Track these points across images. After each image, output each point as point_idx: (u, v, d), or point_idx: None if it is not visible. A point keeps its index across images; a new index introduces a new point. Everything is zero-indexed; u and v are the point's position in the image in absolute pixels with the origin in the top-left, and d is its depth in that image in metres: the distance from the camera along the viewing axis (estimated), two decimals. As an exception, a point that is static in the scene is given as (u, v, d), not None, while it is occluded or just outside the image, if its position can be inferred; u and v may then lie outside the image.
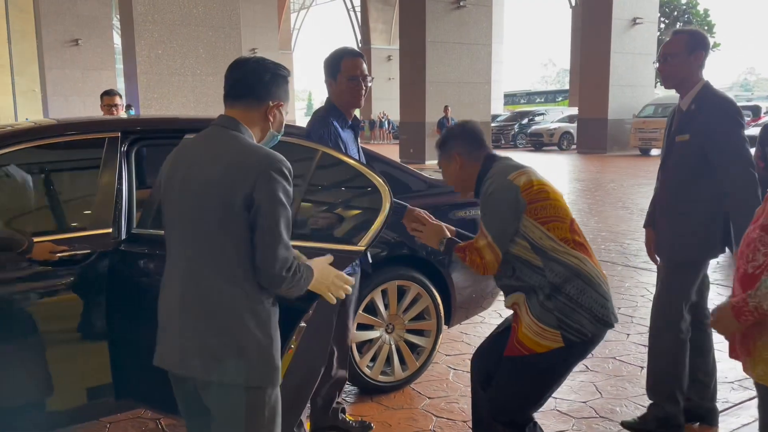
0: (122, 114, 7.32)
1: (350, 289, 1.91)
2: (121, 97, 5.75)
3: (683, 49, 2.75)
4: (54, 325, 2.53)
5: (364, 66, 2.78)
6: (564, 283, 2.14)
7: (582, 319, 2.13)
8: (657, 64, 2.86)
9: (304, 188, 2.57)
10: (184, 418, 1.90)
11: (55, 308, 2.54)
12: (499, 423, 2.31)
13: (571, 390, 3.48)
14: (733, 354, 1.85)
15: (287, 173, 1.67)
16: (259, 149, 1.71)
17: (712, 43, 34.73)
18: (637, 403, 3.27)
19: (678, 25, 34.52)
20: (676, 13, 35.00)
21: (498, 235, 2.21)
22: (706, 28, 35.08)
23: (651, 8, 23.95)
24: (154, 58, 12.21)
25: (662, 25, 32.66)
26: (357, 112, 2.97)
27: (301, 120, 66.15)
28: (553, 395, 3.40)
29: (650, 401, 2.99)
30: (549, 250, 2.16)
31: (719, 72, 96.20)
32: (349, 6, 42.30)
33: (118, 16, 17.24)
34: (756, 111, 23.25)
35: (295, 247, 1.76)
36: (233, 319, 1.66)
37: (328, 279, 1.85)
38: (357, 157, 2.77)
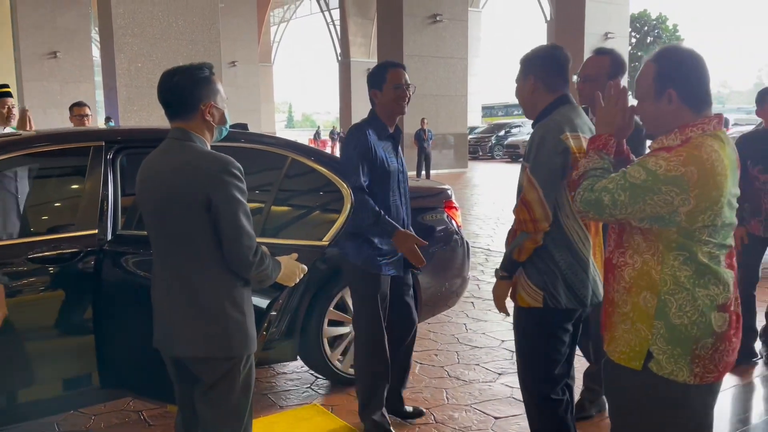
0: (101, 125, 7.48)
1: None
2: (89, 108, 5.96)
3: (604, 73, 2.86)
4: (43, 317, 2.73)
5: (407, 76, 2.97)
6: (556, 251, 2.23)
7: (560, 289, 2.24)
8: (577, 81, 2.95)
9: (275, 191, 2.82)
10: (175, 387, 2.16)
11: (45, 302, 2.74)
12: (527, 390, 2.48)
13: (528, 380, 3.75)
14: (602, 330, 1.95)
15: (237, 172, 1.90)
16: (208, 156, 1.92)
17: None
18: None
19: (648, 40, 35.47)
20: (646, 28, 35.97)
21: (548, 192, 2.16)
22: (675, 42, 36.03)
23: (622, 23, 24.64)
24: (134, 71, 12.38)
25: (633, 40, 33.53)
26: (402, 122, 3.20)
27: (282, 132, 66.12)
28: (509, 384, 3.68)
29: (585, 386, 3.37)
30: (562, 216, 2.21)
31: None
32: (329, 20, 42.70)
33: (97, 29, 17.38)
34: (725, 123, 24.04)
35: (266, 243, 2.02)
36: (212, 305, 1.95)
37: (295, 273, 2.18)
38: (396, 165, 2.95)
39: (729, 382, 3.65)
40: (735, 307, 1.74)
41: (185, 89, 1.94)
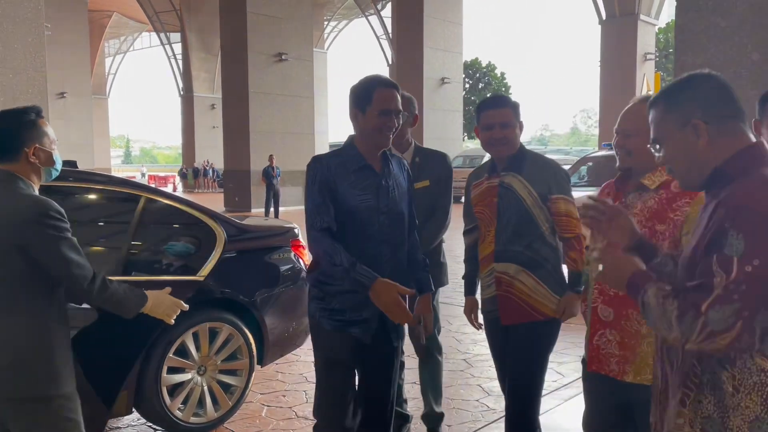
0: None
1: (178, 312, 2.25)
2: None
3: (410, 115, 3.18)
4: None
5: (399, 99, 2.36)
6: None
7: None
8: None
9: (132, 230, 2.67)
10: None
11: None
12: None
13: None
14: (594, 366, 2.13)
15: (54, 214, 1.94)
16: (25, 200, 1.95)
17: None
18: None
19: (480, 86, 38.60)
20: (478, 75, 39.06)
21: None
22: (503, 89, 39.52)
23: (456, 70, 26.56)
24: (-60, 100, 11.06)
25: (467, 85, 36.25)
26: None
27: (119, 168, 62.17)
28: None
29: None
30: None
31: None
32: (170, 53, 41.32)
33: None
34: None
35: (138, 282, 2.13)
36: (8, 341, 1.91)
37: (164, 304, 2.20)
38: (373, 203, 2.34)
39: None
40: None
41: (8, 133, 1.99)
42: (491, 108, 2.65)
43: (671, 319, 1.30)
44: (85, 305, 2.33)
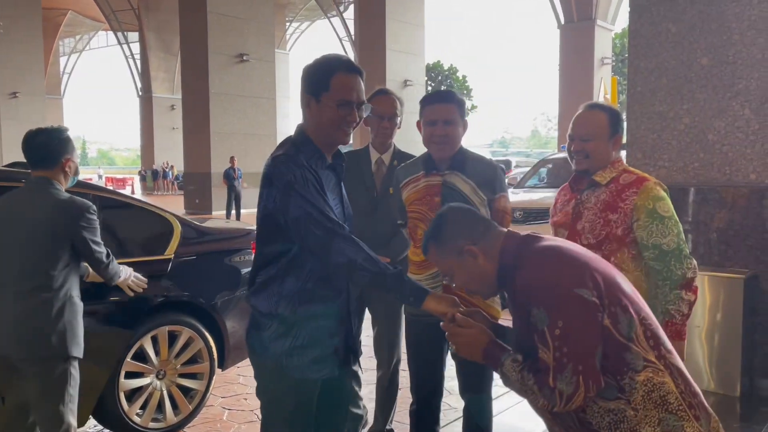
0: None
1: (144, 285, 3.03)
2: None
3: (397, 113, 3.21)
4: None
5: (362, 87, 1.94)
6: None
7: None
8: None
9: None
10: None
11: None
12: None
13: None
14: None
15: (92, 211, 2.51)
16: (65, 201, 2.45)
17: (470, 106, 40.17)
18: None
19: (442, 89, 38.88)
20: (440, 77, 39.37)
21: None
22: (465, 92, 39.92)
23: (419, 73, 26.71)
24: None
25: (429, 88, 36.52)
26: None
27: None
28: None
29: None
30: None
31: (480, 132, 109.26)
32: (128, 53, 40.51)
33: None
34: (507, 165, 27.00)
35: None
36: (45, 311, 2.39)
37: (129, 278, 2.93)
38: (340, 210, 1.98)
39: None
40: None
41: (52, 145, 2.48)
42: (436, 102, 2.49)
43: (534, 390, 1.50)
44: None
